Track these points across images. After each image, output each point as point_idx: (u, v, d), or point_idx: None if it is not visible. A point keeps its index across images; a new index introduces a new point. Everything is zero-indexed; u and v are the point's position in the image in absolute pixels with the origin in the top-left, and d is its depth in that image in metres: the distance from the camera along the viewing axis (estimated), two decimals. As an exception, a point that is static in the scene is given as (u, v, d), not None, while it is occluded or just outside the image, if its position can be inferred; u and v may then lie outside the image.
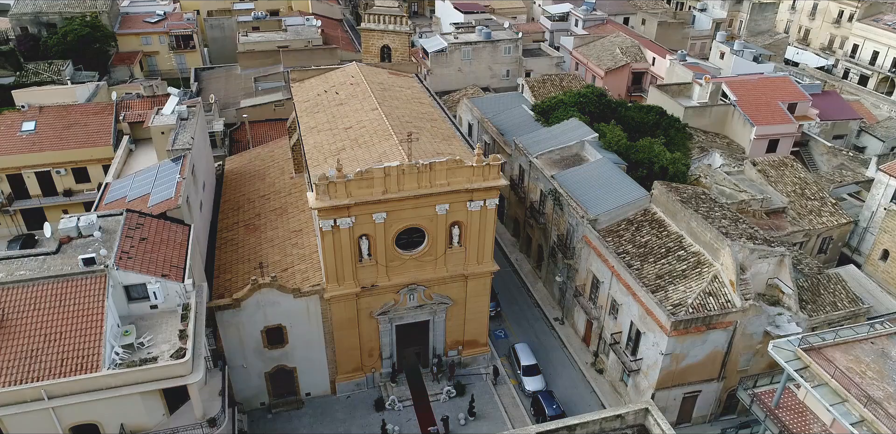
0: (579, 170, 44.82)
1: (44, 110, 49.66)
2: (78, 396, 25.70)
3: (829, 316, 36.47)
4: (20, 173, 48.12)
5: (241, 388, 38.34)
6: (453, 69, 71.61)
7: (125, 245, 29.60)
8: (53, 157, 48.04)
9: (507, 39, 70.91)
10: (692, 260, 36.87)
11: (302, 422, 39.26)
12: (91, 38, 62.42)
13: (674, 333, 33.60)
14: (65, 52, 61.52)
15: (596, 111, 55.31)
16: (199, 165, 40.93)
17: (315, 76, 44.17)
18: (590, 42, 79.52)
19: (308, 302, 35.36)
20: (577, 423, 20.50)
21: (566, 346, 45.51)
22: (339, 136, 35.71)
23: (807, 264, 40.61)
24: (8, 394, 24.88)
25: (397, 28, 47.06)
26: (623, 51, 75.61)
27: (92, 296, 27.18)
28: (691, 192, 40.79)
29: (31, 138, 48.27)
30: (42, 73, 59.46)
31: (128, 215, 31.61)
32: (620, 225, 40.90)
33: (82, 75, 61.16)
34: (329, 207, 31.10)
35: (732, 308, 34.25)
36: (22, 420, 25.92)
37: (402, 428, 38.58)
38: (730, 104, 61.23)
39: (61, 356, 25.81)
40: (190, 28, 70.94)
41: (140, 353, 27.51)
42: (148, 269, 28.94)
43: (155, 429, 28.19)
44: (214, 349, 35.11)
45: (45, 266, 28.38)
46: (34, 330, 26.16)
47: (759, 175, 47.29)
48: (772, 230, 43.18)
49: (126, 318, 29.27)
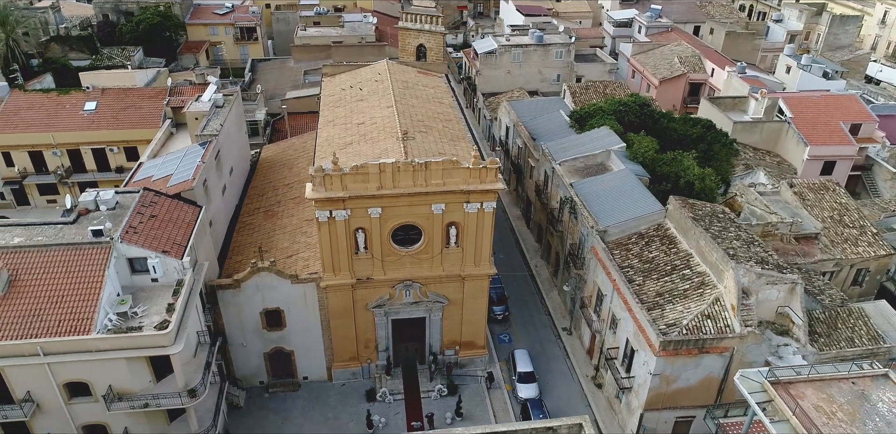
0: (598, 179, 43.98)
1: (105, 92, 53.67)
2: (69, 355, 27.99)
3: (843, 352, 34.18)
4: (79, 149, 52.25)
5: (240, 366, 40.21)
6: (502, 71, 71.53)
7: (134, 220, 31.79)
8: (108, 135, 51.86)
9: (559, 44, 70.14)
10: (696, 280, 35.52)
11: (296, 404, 40.71)
12: (161, 26, 66.86)
13: (662, 353, 32.54)
14: (137, 39, 66.21)
15: (636, 121, 53.92)
16: (229, 151, 43.12)
17: (346, 72, 45.52)
18: (649, 50, 77.29)
19: (305, 289, 36.65)
20: (506, 431, 20.44)
21: (569, 357, 44.83)
22: (350, 131, 36.76)
23: (829, 295, 38.21)
24: (9, 347, 27.43)
25: (433, 28, 47.71)
26: (682, 60, 73.06)
27: (95, 265, 29.44)
28: (709, 209, 39.21)
29: (91, 117, 52.31)
30: (115, 58, 64.22)
31: (143, 193, 33.90)
32: (631, 238, 39.88)
33: (150, 61, 65.58)
34: (324, 199, 32.17)
35: (729, 333, 32.79)
36: (23, 372, 28.49)
37: (389, 420, 39.30)
38: (784, 121, 58.13)
39: (59, 317, 28.16)
40: (254, 21, 74.51)
41: (132, 321, 29.55)
42: (150, 245, 30.97)
43: (140, 393, 30.19)
44: (214, 326, 37.06)
45: (60, 234, 30.95)
46: (40, 291, 28.65)
47: (794, 197, 44.75)
48: (797, 256, 40.85)
49: (128, 288, 31.46)
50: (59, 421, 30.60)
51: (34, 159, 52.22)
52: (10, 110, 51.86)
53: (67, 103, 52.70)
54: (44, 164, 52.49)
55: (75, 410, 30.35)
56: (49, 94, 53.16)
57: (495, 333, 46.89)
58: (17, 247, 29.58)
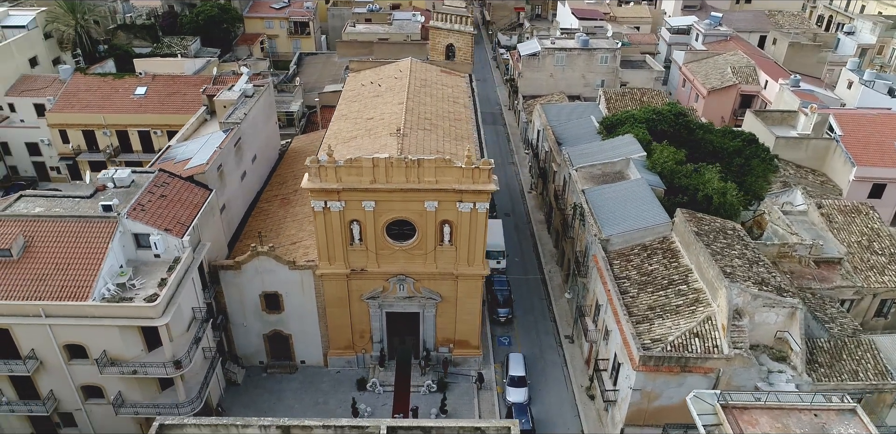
0: (611, 187, 43.14)
1: (156, 78, 57.02)
2: (68, 319, 30.23)
3: (842, 385, 32.27)
4: (126, 130, 55.77)
5: (241, 345, 42.01)
6: (545, 74, 70.98)
7: (143, 199, 33.88)
8: (153, 119, 55.07)
9: (604, 48, 68.89)
10: (691, 296, 34.38)
11: (290, 385, 42.15)
12: (219, 18, 70.35)
13: (642, 368, 31.75)
14: (195, 30, 69.94)
15: (670, 131, 52.37)
16: (252, 139, 45.00)
17: (371, 68, 46.59)
18: (702, 58, 74.64)
19: (302, 275, 37.90)
20: (433, 427, 20.64)
21: (567, 365, 44.28)
22: (358, 126, 37.70)
23: (840, 324, 36.07)
24: (16, 306, 29.94)
25: (462, 28, 48.06)
26: (734, 71, 70.22)
27: (100, 237, 31.64)
28: (718, 225, 37.80)
29: (139, 101, 55.72)
30: (174, 47, 68.05)
31: (158, 174, 36.04)
32: (634, 249, 38.97)
33: (206, 51, 69.12)
34: (318, 189, 33.23)
35: (716, 354, 31.59)
36: (27, 331, 31.01)
37: (375, 410, 40.10)
38: (832, 139, 55.05)
39: (62, 283, 30.47)
40: (307, 16, 77.06)
41: (129, 292, 31.57)
42: (154, 222, 32.94)
43: (132, 360, 32.21)
44: (216, 304, 38.92)
45: (76, 207, 33.39)
46: (49, 258, 31.08)
47: (821, 219, 42.39)
48: (813, 280, 38.74)
49: (132, 262, 33.60)
50: (61, 379, 33.08)
51: (87, 138, 56.11)
52: (70, 92, 55.94)
53: (121, 87, 56.32)
54: (95, 143, 56.30)
55: (74, 371, 32.72)
56: (106, 78, 56.98)
57: (496, 335, 46.85)
58: (35, 216, 32.17)
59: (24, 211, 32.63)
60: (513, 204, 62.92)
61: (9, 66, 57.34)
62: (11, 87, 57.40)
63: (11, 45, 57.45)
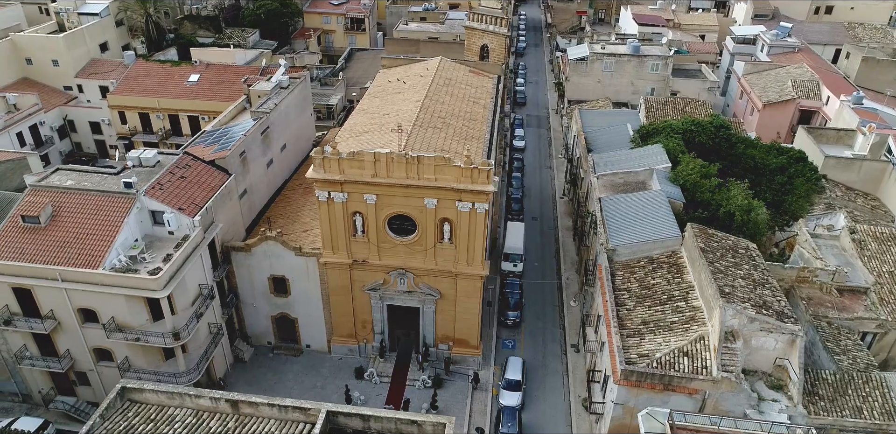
0: (628, 197, 42.17)
1: (209, 67, 60.18)
2: (80, 285, 32.66)
3: (841, 421, 30.43)
4: (178, 114, 59.15)
5: (251, 324, 43.88)
6: (592, 79, 69.78)
7: (163, 178, 36.05)
8: (202, 105, 58.16)
9: (655, 56, 67.02)
10: (688, 314, 33.25)
11: (293, 368, 43.67)
12: (279, 13, 73.36)
13: (623, 382, 31.04)
14: (256, 22, 73.23)
15: (708, 143, 50.52)
16: (282, 129, 46.79)
17: (402, 65, 47.42)
18: (763, 70, 71.29)
19: (308, 261, 39.21)
20: (372, 415, 21.10)
21: (568, 374, 43.69)
22: (373, 121, 38.59)
23: (852, 357, 33.90)
24: (38, 269, 32.63)
25: (496, 29, 48.13)
26: (795, 84, 66.68)
27: (118, 211, 33.95)
28: (730, 242, 36.31)
29: (191, 88, 58.98)
30: (234, 38, 71.49)
31: (182, 156, 38.20)
32: (640, 261, 38.00)
33: (263, 43, 72.23)
34: (322, 180, 34.32)
35: (703, 375, 30.46)
36: (47, 293, 33.71)
37: (369, 399, 40.97)
38: (889, 161, 51.58)
39: (79, 251, 32.93)
40: (363, 12, 79.05)
41: (139, 264, 33.72)
42: (169, 201, 35.01)
43: (137, 328, 34.39)
44: (227, 283, 40.84)
45: (103, 182, 35.93)
46: (71, 227, 33.65)
47: (853, 245, 39.87)
48: (832, 309, 36.56)
49: (148, 237, 35.84)
50: (75, 340, 35.75)
51: (143, 120, 59.90)
52: (131, 76, 59.89)
53: (177, 74, 59.78)
54: (150, 125, 60.05)
55: (87, 333, 35.27)
56: (164, 64, 60.63)
57: (501, 337, 46.75)
58: (64, 188, 34.89)
59: (56, 183, 35.42)
60: (542, 208, 62.37)
61: (80, 51, 62.02)
62: (81, 70, 62.05)
63: (84, 31, 62.12)
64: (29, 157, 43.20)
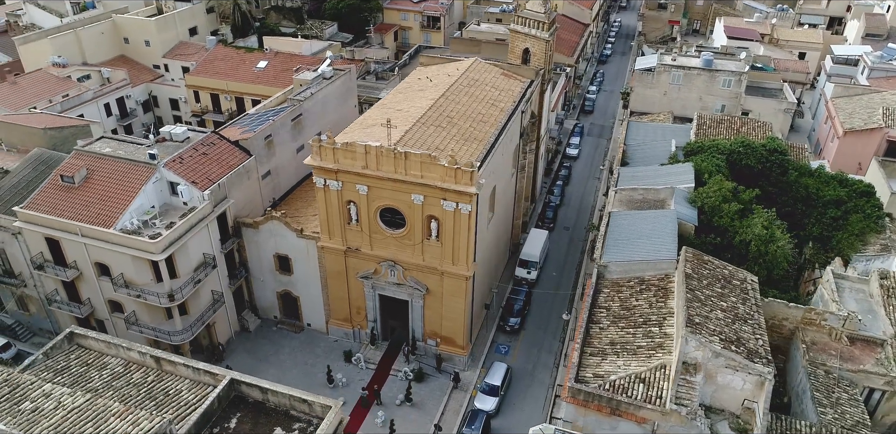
0: (637, 214, 40.51)
1: (277, 55, 63.98)
2: (95, 241, 36.43)
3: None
4: (243, 97, 63.46)
5: (260, 297, 46.64)
6: (658, 91, 66.82)
7: (185, 153, 39.24)
8: (265, 90, 61.86)
9: (728, 71, 63.15)
10: (657, 340, 31.68)
11: (292, 343, 45.99)
12: (358, 8, 76.34)
13: (569, 400, 30.21)
14: (336, 16, 76.67)
15: (757, 167, 47.26)
16: (318, 117, 49.01)
17: (438, 64, 48.17)
18: (856, 94, 65.12)
19: (308, 244, 41.15)
20: (269, 388, 22.16)
21: (554, 387, 42.80)
22: (385, 115, 39.62)
23: (842, 412, 30.79)
24: (64, 224, 36.77)
25: (538, 34, 47.65)
26: (887, 112, 60.41)
27: (138, 179, 37.44)
28: (727, 272, 34.04)
29: (258, 74, 63.03)
30: (313, 29, 75.35)
31: (208, 135, 41.31)
32: (630, 281, 36.51)
33: (339, 36, 75.54)
34: (318, 167, 35.94)
35: (655, 405, 29.01)
36: (71, 246, 37.88)
37: (350, 382, 42.43)
38: (968, 205, 45.88)
39: (99, 211, 36.71)
40: (440, 11, 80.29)
41: (149, 229, 37.03)
42: (185, 174, 38.10)
43: (142, 286, 37.81)
44: (238, 257, 43.66)
45: (136, 152, 39.68)
46: (98, 189, 37.56)
47: (880, 292, 35.98)
48: (834, 357, 33.32)
49: (166, 205, 39.21)
50: (93, 291, 39.87)
51: (213, 100, 64.82)
52: (210, 59, 64.93)
53: (248, 60, 64.09)
54: (219, 106, 64.85)
55: (102, 285, 39.23)
56: (239, 50, 65.19)
57: (497, 342, 46.53)
58: (100, 154, 38.93)
59: (96, 149, 39.57)
60: (578, 218, 60.97)
61: (170, 33, 68.08)
62: (169, 51, 68.11)
63: (175, 15, 68.13)
64: (92, 126, 48.30)
